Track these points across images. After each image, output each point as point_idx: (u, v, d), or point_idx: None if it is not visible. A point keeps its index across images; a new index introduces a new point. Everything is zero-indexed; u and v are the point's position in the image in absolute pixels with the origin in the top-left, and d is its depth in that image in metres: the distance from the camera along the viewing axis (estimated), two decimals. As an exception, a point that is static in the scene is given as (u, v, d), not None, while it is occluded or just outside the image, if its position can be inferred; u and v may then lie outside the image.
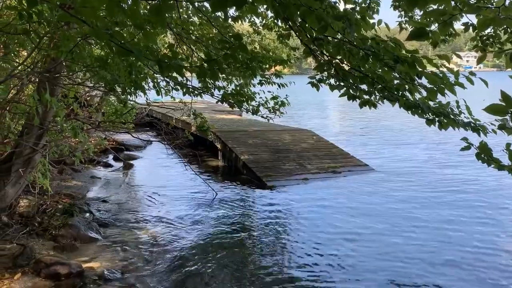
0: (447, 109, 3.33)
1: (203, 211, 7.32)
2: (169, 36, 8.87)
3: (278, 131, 13.09)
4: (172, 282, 4.82)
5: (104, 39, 2.43)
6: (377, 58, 3.01)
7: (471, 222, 6.80)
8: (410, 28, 5.38)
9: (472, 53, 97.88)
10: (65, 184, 8.59)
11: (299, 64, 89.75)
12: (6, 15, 5.10)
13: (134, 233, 6.23)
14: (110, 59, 3.96)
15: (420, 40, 2.57)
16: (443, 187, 8.84)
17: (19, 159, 5.54)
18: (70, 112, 6.66)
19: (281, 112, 6.89)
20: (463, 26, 4.25)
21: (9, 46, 4.98)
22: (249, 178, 9.64)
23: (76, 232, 5.88)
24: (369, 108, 3.79)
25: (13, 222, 5.89)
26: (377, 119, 20.71)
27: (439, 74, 3.00)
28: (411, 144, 14.39)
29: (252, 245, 6.02)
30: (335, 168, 10.11)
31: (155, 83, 6.34)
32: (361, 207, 7.58)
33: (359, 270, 5.17)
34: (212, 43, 5.85)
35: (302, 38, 3.38)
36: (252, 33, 9.77)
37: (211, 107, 19.27)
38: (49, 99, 3.21)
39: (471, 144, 3.10)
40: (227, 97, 6.29)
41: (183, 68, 3.02)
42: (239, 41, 3.02)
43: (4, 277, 4.55)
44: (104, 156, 11.75)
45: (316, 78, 4.01)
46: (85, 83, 7.15)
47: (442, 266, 5.29)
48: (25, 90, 6.45)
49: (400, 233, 6.34)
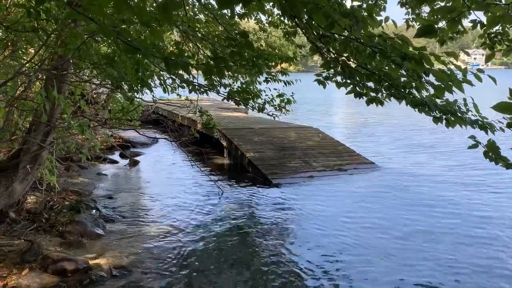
0: (454, 106, 3.31)
1: (208, 209, 7.34)
2: (175, 33, 8.87)
3: (284, 129, 13.07)
4: (178, 279, 4.84)
5: (112, 37, 2.44)
6: (384, 56, 2.99)
7: (478, 222, 6.76)
8: (417, 26, 5.35)
9: (479, 51, 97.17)
10: (72, 181, 8.64)
11: (305, 62, 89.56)
12: (14, 12, 5.12)
13: (140, 230, 6.26)
14: (117, 56, 3.97)
15: (428, 38, 2.55)
16: (450, 186, 8.80)
17: (26, 156, 5.58)
18: (77, 109, 6.70)
19: (287, 109, 6.88)
20: (471, 23, 4.22)
21: (17, 44, 5.01)
22: (255, 175, 9.65)
23: (83, 228, 5.92)
24: (375, 105, 3.78)
25: (21, 218, 5.94)
26: (384, 117, 20.63)
27: (447, 72, 2.98)
28: (417, 142, 14.33)
29: (258, 242, 6.03)
30: (341, 166, 10.09)
31: (161, 81, 6.36)
32: (366, 205, 7.56)
33: (365, 269, 5.17)
34: (218, 40, 5.84)
35: (309, 36, 3.37)
36: (258, 31, 9.77)
37: (216, 104, 19.28)
38: (57, 96, 3.23)
39: (479, 142, 3.08)
40: (233, 95, 6.30)
41: (189, 66, 3.03)
42: (246, 39, 3.02)
43: (12, 273, 4.59)
44: (111, 153, 11.80)
45: (323, 75, 3.99)
46: (92, 80, 7.18)
47: (449, 266, 5.26)
48: (32, 87, 6.49)
49: (406, 232, 6.32)
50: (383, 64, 3.21)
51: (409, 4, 6.14)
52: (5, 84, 3.92)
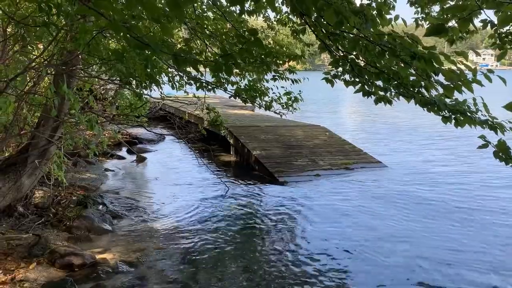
0: (464, 106, 3.29)
1: (215, 206, 7.36)
2: (183, 30, 8.89)
3: (291, 127, 13.06)
4: (184, 275, 4.86)
5: (122, 32, 2.45)
6: (393, 54, 2.98)
7: (489, 223, 6.72)
8: (426, 25, 5.32)
9: (488, 51, 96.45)
10: (79, 176, 8.70)
11: (312, 60, 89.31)
12: (23, 7, 5.15)
13: (147, 225, 6.29)
14: (126, 52, 3.99)
15: (439, 37, 2.54)
16: (458, 186, 8.75)
17: (35, 150, 5.62)
18: (85, 105, 6.74)
19: (294, 108, 6.87)
20: (481, 23, 4.18)
21: (27, 39, 5.04)
22: (261, 173, 9.65)
23: (90, 223, 5.95)
24: (384, 104, 3.77)
25: (29, 212, 5.99)
26: (391, 116, 20.54)
27: (456, 71, 2.97)
28: (425, 141, 14.25)
29: (264, 240, 6.03)
30: (348, 164, 10.07)
31: (169, 78, 6.38)
32: (373, 204, 7.54)
33: (372, 269, 5.16)
34: (226, 38, 5.85)
35: (318, 34, 3.37)
36: (266, 28, 9.76)
37: (223, 102, 19.30)
38: (67, 91, 3.25)
39: (489, 142, 3.06)
40: (240, 92, 6.30)
41: (198, 63, 3.04)
42: (255, 36, 3.02)
43: (20, 266, 4.63)
44: (118, 149, 11.85)
45: (331, 73, 3.98)
46: (100, 76, 7.21)
47: (456, 267, 5.24)
48: (41, 82, 6.53)
49: (412, 232, 6.29)
50: (392, 63, 3.20)
51: (419, 3, 6.11)
52: (14, 79, 3.95)
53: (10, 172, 5.50)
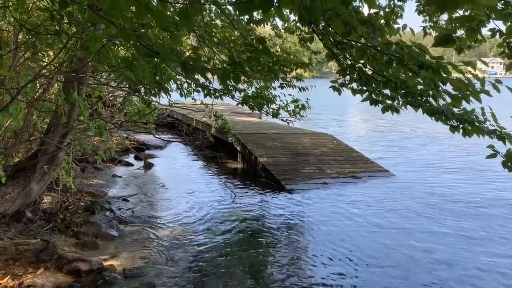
0: (472, 116, 3.28)
1: (221, 212, 7.36)
2: (192, 38, 8.96)
3: (298, 135, 13.05)
4: (191, 282, 4.86)
5: (132, 40, 2.48)
6: (401, 63, 2.99)
7: (493, 235, 6.66)
8: (434, 34, 5.31)
9: (497, 59, 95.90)
10: (87, 182, 8.75)
11: (319, 68, 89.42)
12: (35, 16, 5.23)
13: (154, 232, 6.31)
14: (136, 60, 4.03)
15: (446, 47, 2.54)
16: (465, 196, 8.68)
17: (44, 156, 5.68)
18: (93, 111, 6.80)
19: (301, 115, 6.89)
20: (490, 31, 4.18)
21: (38, 46, 5.11)
22: (268, 180, 9.65)
23: (97, 229, 5.98)
24: (391, 113, 3.76)
25: (37, 218, 6.03)
26: (399, 125, 20.47)
27: (464, 81, 2.96)
28: (433, 150, 14.17)
29: (270, 247, 6.02)
30: (355, 173, 10.04)
31: (177, 85, 6.42)
32: (380, 213, 7.50)
33: (378, 278, 5.13)
34: (234, 45, 5.89)
35: (325, 42, 3.38)
36: (273, 36, 9.80)
37: (231, 109, 19.35)
38: (76, 98, 3.29)
39: (498, 152, 3.04)
40: (248, 100, 6.33)
41: (206, 70, 3.06)
42: (263, 45, 3.04)
43: (28, 272, 4.66)
44: (126, 156, 11.91)
45: (338, 82, 3.99)
46: (109, 83, 7.28)
47: (468, 276, 5.20)
48: (51, 89, 6.60)
49: (419, 241, 6.25)
50: (400, 72, 3.20)
51: (427, 12, 6.12)
52: (26, 86, 4.00)
53: (19, 178, 5.56)
